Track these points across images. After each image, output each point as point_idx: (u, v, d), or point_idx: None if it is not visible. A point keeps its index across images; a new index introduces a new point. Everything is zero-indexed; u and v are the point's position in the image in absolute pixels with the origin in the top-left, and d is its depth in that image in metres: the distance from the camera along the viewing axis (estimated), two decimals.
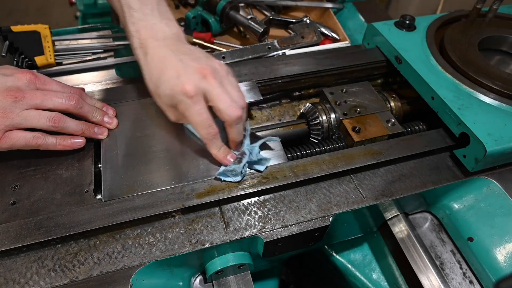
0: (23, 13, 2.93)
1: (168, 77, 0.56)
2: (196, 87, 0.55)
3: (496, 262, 0.62)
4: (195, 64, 0.57)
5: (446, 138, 0.70)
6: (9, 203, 0.57)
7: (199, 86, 0.55)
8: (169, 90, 0.56)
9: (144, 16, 0.61)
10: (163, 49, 0.59)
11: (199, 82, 0.55)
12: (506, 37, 0.85)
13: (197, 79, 0.56)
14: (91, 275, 0.52)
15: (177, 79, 0.55)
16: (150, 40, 0.60)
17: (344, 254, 0.80)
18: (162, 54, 0.59)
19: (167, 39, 0.61)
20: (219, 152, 0.60)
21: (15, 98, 0.56)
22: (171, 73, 0.56)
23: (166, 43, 0.60)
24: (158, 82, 0.58)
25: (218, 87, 0.56)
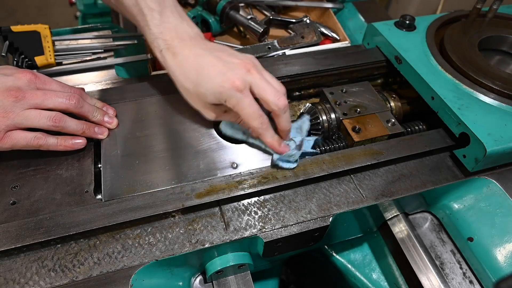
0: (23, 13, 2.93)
1: (211, 75, 0.57)
2: (244, 80, 0.56)
3: (496, 262, 0.62)
4: (235, 60, 0.58)
5: (446, 138, 0.70)
6: (9, 203, 0.57)
7: (246, 80, 0.56)
8: (217, 88, 0.56)
9: (166, 18, 0.62)
10: (194, 48, 0.60)
11: (245, 76, 0.56)
12: (506, 37, 0.85)
13: (242, 73, 0.57)
14: (91, 275, 0.53)
15: (223, 75, 0.56)
16: (177, 40, 0.60)
17: (344, 254, 0.80)
18: (196, 53, 0.59)
19: (193, 39, 0.61)
20: (273, 140, 0.61)
21: (16, 98, 0.56)
22: (213, 71, 0.57)
23: (194, 43, 0.61)
24: (198, 81, 0.58)
25: (262, 79, 0.58)
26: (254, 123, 0.58)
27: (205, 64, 0.58)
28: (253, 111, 0.57)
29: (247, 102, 0.57)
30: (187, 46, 0.60)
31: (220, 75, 0.56)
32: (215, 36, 1.04)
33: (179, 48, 0.60)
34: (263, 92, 0.57)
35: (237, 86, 0.55)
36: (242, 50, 0.89)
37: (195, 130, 0.67)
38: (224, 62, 0.58)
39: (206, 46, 0.61)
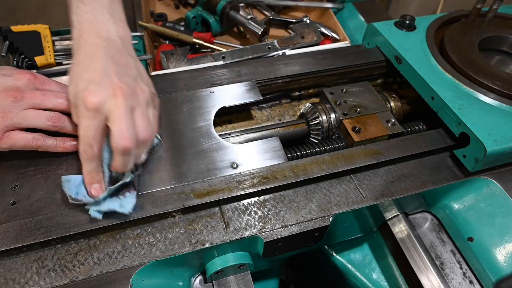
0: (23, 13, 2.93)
1: (83, 78, 0.53)
2: (100, 102, 0.50)
3: (496, 262, 0.62)
4: (115, 79, 0.53)
5: (446, 138, 0.70)
6: (9, 203, 0.57)
7: (103, 103, 0.51)
8: (77, 90, 0.52)
9: (91, 10, 0.58)
10: (98, 49, 0.55)
11: (105, 99, 0.51)
12: (506, 37, 0.85)
13: (105, 94, 0.51)
14: (91, 275, 0.52)
15: (88, 84, 0.52)
16: (91, 35, 0.56)
17: (344, 254, 0.80)
18: (94, 54, 0.55)
19: (110, 40, 0.57)
20: (88, 174, 0.55)
21: (15, 98, 0.56)
22: (87, 76, 0.53)
23: (106, 45, 0.56)
24: (74, 77, 0.54)
25: (122, 111, 0.51)
26: (80, 146, 0.53)
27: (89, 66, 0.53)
28: (84, 136, 0.52)
29: (86, 123, 0.51)
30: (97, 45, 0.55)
31: (86, 81, 0.52)
32: (215, 36, 1.04)
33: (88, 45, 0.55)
34: (113, 123, 0.51)
35: (87, 102, 0.50)
36: (242, 50, 0.89)
37: (195, 130, 0.67)
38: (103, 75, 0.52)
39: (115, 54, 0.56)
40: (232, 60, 0.87)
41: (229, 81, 0.77)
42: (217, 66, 0.80)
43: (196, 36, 0.98)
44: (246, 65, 0.81)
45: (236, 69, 0.79)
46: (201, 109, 0.71)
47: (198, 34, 1.00)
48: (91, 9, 0.58)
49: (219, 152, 0.65)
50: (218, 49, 0.95)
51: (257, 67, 0.81)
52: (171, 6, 1.20)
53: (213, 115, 0.70)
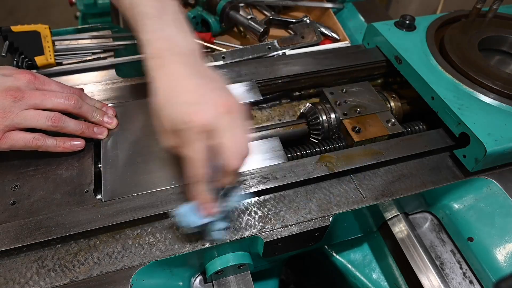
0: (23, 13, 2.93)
1: (180, 101, 0.49)
2: (209, 122, 0.48)
3: (496, 262, 0.62)
4: (215, 96, 0.50)
5: (446, 138, 0.70)
6: (9, 203, 0.57)
7: (212, 122, 0.48)
8: (177, 115, 0.49)
9: (162, 26, 0.55)
10: (181, 66, 0.52)
11: (214, 118, 0.48)
12: (506, 37, 0.85)
13: (213, 113, 0.48)
14: (91, 275, 0.52)
15: (191, 106, 0.49)
16: (168, 52, 0.53)
17: (344, 254, 0.80)
18: (181, 72, 0.52)
19: (185, 55, 0.54)
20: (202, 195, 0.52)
21: (15, 98, 0.56)
22: (186, 97, 0.49)
23: (184, 60, 0.53)
24: (167, 102, 0.50)
25: (232, 129, 0.49)
26: (192, 170, 0.50)
27: (183, 87, 0.50)
28: (198, 159, 0.49)
29: (198, 146, 0.48)
30: (176, 62, 0.53)
31: (189, 105, 0.49)
32: (215, 36, 1.04)
33: (169, 63, 0.53)
34: (225, 145, 0.48)
35: (198, 124, 0.47)
36: (242, 50, 0.89)
37: None
38: (203, 93, 0.50)
39: (197, 68, 0.53)
40: (232, 60, 0.87)
41: (229, 81, 0.77)
42: (217, 66, 0.80)
43: (196, 36, 0.98)
44: (246, 65, 0.81)
45: (236, 69, 0.79)
46: None
47: (198, 34, 1.00)
48: (160, 25, 0.55)
49: None
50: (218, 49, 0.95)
51: (257, 67, 0.81)
52: None
53: None
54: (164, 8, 0.56)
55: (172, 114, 0.49)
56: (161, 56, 0.53)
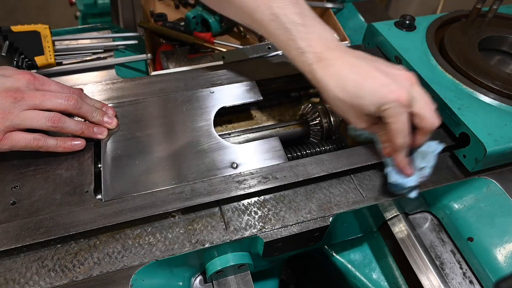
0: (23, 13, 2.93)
1: (374, 87, 0.54)
2: (409, 94, 0.54)
3: (496, 262, 0.62)
4: (396, 71, 0.56)
5: (446, 138, 0.70)
6: (9, 203, 0.57)
7: (411, 93, 0.54)
8: (380, 99, 0.54)
9: (310, 29, 0.58)
10: (346, 57, 0.57)
11: (410, 89, 0.54)
12: (506, 37, 0.85)
13: (408, 86, 0.54)
14: (91, 275, 0.52)
15: (388, 87, 0.54)
16: (327, 51, 0.57)
17: (344, 254, 0.80)
18: (350, 63, 0.57)
19: (340, 47, 0.59)
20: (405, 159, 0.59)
21: (15, 98, 0.56)
22: (376, 83, 0.55)
23: (342, 51, 0.58)
24: (358, 92, 0.55)
25: (422, 95, 0.55)
26: (400, 140, 0.56)
27: (365, 75, 0.55)
28: (405, 128, 0.55)
29: (405, 118, 0.54)
30: (337, 55, 0.57)
31: (384, 87, 0.54)
32: (215, 36, 1.04)
33: (333, 59, 0.57)
34: (425, 108, 0.55)
35: (403, 100, 0.53)
36: (242, 50, 0.89)
37: (195, 130, 0.67)
38: (386, 73, 0.55)
39: (356, 54, 0.58)
40: (232, 60, 0.87)
41: (229, 81, 0.77)
42: (217, 66, 0.80)
43: (196, 36, 0.98)
44: (246, 65, 0.81)
45: (236, 69, 0.79)
46: (201, 109, 0.71)
47: (198, 34, 1.00)
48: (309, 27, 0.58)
49: (219, 152, 0.65)
50: (218, 49, 0.95)
51: (257, 67, 0.81)
52: (171, 6, 1.20)
53: (213, 115, 0.70)
54: (304, 11, 0.59)
55: (372, 100, 0.55)
56: (323, 58, 0.57)
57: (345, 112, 0.60)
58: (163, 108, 0.71)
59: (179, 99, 0.72)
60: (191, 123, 0.68)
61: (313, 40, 0.58)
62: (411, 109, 0.55)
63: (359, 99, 0.56)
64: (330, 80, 0.57)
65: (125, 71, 0.88)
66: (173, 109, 0.71)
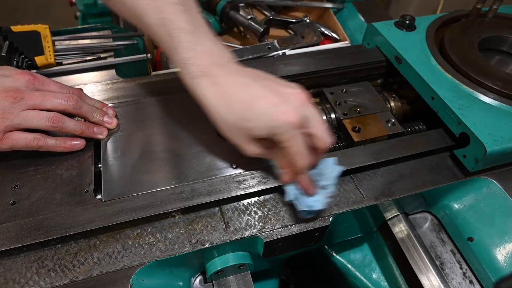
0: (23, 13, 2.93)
1: (263, 108, 0.50)
2: (300, 115, 0.50)
3: (496, 262, 0.62)
4: (288, 90, 0.52)
5: (446, 138, 0.70)
6: (9, 203, 0.57)
7: (301, 114, 0.50)
8: (267, 122, 0.50)
9: (199, 40, 0.53)
10: (235, 76, 0.52)
11: (302, 109, 0.50)
12: (506, 37, 0.85)
13: (298, 105, 0.50)
14: (91, 275, 0.52)
15: (277, 108, 0.49)
16: (214, 67, 0.52)
17: (344, 254, 0.80)
18: (240, 82, 0.52)
19: (229, 64, 0.54)
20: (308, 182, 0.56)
21: (14, 98, 0.56)
22: (265, 103, 0.50)
23: (233, 69, 0.53)
24: (246, 114, 0.50)
25: (314, 114, 0.52)
26: (301, 162, 0.52)
27: (254, 95, 0.51)
28: (303, 150, 0.51)
29: (300, 139, 0.51)
30: (225, 73, 0.52)
31: (274, 108, 0.49)
32: None
33: (217, 76, 0.52)
34: (317, 127, 0.52)
35: (294, 121, 0.49)
36: (242, 50, 0.89)
37: (195, 130, 0.67)
38: (277, 93, 0.51)
39: (248, 73, 0.54)
40: None
41: None
42: None
43: None
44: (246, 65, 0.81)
45: None
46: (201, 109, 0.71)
47: None
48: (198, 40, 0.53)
49: (219, 152, 0.65)
50: None
51: (257, 67, 0.80)
52: None
53: None
54: (196, 21, 0.55)
55: (258, 123, 0.50)
56: (208, 73, 0.52)
57: (234, 136, 0.54)
58: (163, 108, 0.71)
59: (179, 99, 0.72)
60: (191, 123, 0.68)
61: (200, 52, 0.53)
62: (306, 130, 0.51)
63: (248, 122, 0.51)
64: (214, 100, 0.52)
65: (125, 71, 0.88)
66: (173, 109, 0.71)
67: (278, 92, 0.51)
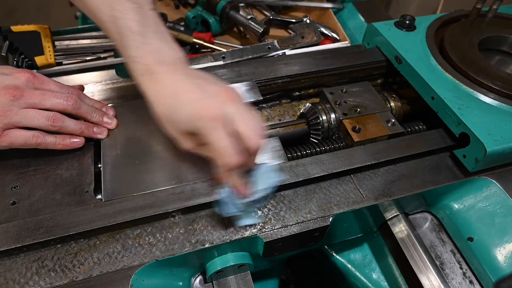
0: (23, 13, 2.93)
1: (186, 101, 0.52)
2: (220, 109, 0.51)
3: (496, 262, 0.62)
4: (215, 87, 0.53)
5: (446, 138, 0.70)
6: (9, 203, 0.57)
7: (223, 109, 0.51)
8: (189, 115, 0.51)
9: (146, 40, 0.55)
10: (174, 74, 0.54)
11: (223, 105, 0.51)
12: (506, 37, 0.85)
13: (220, 101, 0.51)
14: (91, 275, 0.52)
15: (198, 102, 0.51)
16: (157, 65, 0.54)
17: (344, 254, 0.80)
18: (175, 79, 0.54)
19: (174, 64, 0.55)
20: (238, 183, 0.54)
21: (13, 96, 0.56)
22: (190, 97, 0.52)
23: (175, 68, 0.55)
24: (173, 108, 0.53)
25: (241, 113, 0.52)
26: (226, 159, 0.51)
27: (183, 90, 0.53)
28: (225, 145, 0.50)
29: (220, 134, 0.50)
30: (169, 71, 0.54)
31: (196, 102, 0.51)
32: (215, 36, 1.04)
33: (161, 74, 0.54)
34: (245, 127, 0.51)
35: (213, 114, 0.50)
36: (242, 50, 0.89)
37: None
38: (203, 89, 0.52)
39: (187, 72, 0.55)
40: (232, 60, 0.87)
41: (229, 81, 0.77)
42: (217, 66, 0.80)
43: (196, 36, 0.98)
44: (246, 65, 0.81)
45: (236, 69, 0.79)
46: None
47: (198, 34, 1.00)
48: (146, 38, 0.55)
49: None
50: (218, 49, 0.95)
51: (257, 67, 0.81)
52: (171, 6, 1.20)
53: None
54: (146, 20, 0.56)
55: (183, 117, 0.52)
56: (152, 71, 0.54)
57: (169, 130, 0.56)
58: None
59: None
60: None
61: (146, 51, 0.54)
62: (231, 127, 0.51)
63: (175, 114, 0.53)
64: (153, 96, 0.54)
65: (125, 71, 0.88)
66: None
67: (205, 89, 0.53)
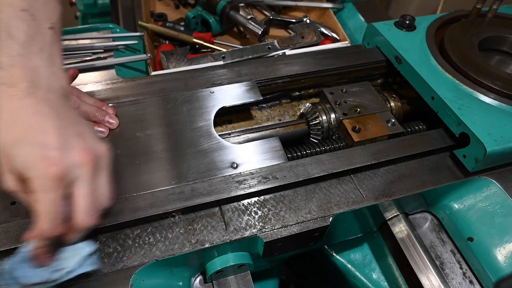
0: None
1: (34, 143, 0.43)
2: (66, 169, 0.43)
3: (496, 262, 0.62)
4: (79, 141, 0.46)
5: (446, 138, 0.70)
6: (9, 203, 0.57)
7: (71, 173, 0.44)
8: (32, 158, 0.43)
9: (27, 53, 0.47)
10: (39, 103, 0.45)
11: (74, 168, 0.44)
12: (506, 37, 0.85)
13: (73, 159, 0.44)
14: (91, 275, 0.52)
15: (45, 150, 0.43)
16: (26, 84, 0.45)
17: (344, 254, 0.80)
18: (37, 110, 0.45)
19: (50, 91, 0.47)
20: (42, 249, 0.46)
21: None
22: (41, 139, 0.43)
23: (46, 97, 0.46)
24: (18, 141, 0.43)
25: (90, 183, 0.46)
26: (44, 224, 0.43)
27: (39, 127, 0.44)
28: (49, 212, 0.43)
29: (50, 198, 0.43)
30: (33, 97, 0.45)
31: (44, 148, 0.43)
32: (215, 36, 1.04)
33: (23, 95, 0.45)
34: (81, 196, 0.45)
35: (54, 173, 0.42)
36: (242, 50, 0.89)
37: (195, 130, 0.67)
38: (64, 137, 0.44)
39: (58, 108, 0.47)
40: (232, 60, 0.87)
41: (229, 81, 0.77)
42: (217, 66, 0.80)
43: (196, 36, 0.98)
44: (246, 65, 0.81)
45: (236, 69, 0.79)
46: (201, 109, 0.71)
47: (198, 34, 1.00)
48: (28, 53, 0.47)
49: (219, 152, 0.65)
50: (218, 49, 0.95)
51: (257, 67, 0.81)
52: (171, 6, 1.20)
53: (213, 115, 0.70)
54: (37, 35, 0.48)
55: (24, 155, 0.43)
56: (17, 86, 0.45)
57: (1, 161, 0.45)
58: (163, 108, 0.71)
59: (179, 99, 0.72)
60: (191, 123, 0.68)
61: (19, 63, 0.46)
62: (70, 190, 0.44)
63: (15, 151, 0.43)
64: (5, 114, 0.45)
65: (125, 71, 0.88)
66: (173, 109, 0.71)
67: (67, 138, 0.45)
